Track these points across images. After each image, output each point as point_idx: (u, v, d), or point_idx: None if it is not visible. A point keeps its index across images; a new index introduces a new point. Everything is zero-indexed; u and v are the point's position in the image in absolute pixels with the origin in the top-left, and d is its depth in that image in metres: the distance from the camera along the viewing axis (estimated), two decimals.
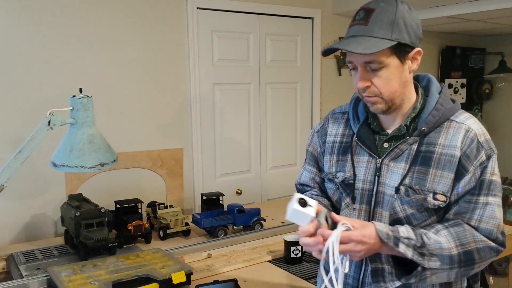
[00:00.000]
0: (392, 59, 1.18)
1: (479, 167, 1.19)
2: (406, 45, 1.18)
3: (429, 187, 1.21)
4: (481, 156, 1.20)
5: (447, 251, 1.15)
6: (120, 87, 2.73)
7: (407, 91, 1.25)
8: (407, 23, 1.17)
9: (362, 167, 1.31)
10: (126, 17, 2.70)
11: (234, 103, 3.20)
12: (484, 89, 4.72)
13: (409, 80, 1.24)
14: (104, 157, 1.70)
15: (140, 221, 2.28)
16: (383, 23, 1.16)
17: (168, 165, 2.93)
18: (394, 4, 1.18)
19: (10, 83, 2.41)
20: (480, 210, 1.19)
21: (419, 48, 1.21)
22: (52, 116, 1.65)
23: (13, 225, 2.47)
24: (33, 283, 1.80)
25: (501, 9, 2.98)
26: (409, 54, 1.20)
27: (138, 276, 1.70)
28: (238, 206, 2.46)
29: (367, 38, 1.16)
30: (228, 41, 3.11)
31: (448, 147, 1.21)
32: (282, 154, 3.48)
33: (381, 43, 1.14)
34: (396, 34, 1.16)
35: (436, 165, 1.20)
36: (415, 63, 1.22)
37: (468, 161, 1.19)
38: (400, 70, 1.20)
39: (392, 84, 1.20)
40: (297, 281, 1.87)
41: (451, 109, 1.24)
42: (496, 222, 1.19)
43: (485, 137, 1.23)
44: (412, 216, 1.24)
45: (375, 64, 1.18)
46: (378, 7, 1.18)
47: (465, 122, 1.23)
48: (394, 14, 1.16)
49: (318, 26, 3.48)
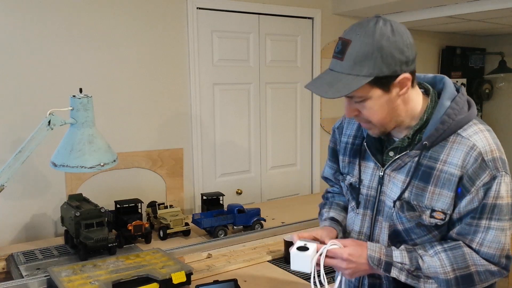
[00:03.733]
0: (374, 91, 1.12)
1: (482, 187, 1.11)
2: (387, 76, 1.10)
3: (427, 204, 1.17)
4: (485, 176, 1.11)
5: (443, 275, 1.14)
6: (120, 87, 2.73)
7: (403, 112, 1.19)
8: (385, 53, 1.08)
9: (368, 173, 1.30)
10: (126, 17, 2.70)
11: (234, 103, 3.20)
12: (484, 89, 4.72)
13: (402, 104, 1.17)
14: (104, 157, 1.70)
15: (140, 221, 2.28)
16: (358, 58, 1.09)
17: (168, 165, 2.93)
18: (371, 32, 1.09)
19: (10, 83, 2.41)
20: (482, 234, 1.13)
21: (404, 74, 1.11)
22: (52, 116, 1.65)
23: (13, 225, 2.48)
24: (33, 283, 1.80)
25: (501, 9, 2.98)
26: (393, 82, 1.12)
27: (138, 276, 1.70)
28: (238, 206, 2.46)
29: (341, 77, 1.11)
30: (228, 41, 3.11)
31: (449, 164, 1.14)
32: (282, 154, 3.48)
33: (354, 82, 1.09)
34: (372, 68, 1.08)
35: (435, 183, 1.15)
36: (405, 88, 1.14)
37: (470, 181, 1.12)
38: (385, 99, 1.14)
39: (379, 113, 1.16)
40: (297, 281, 1.87)
41: (459, 121, 1.15)
42: (500, 246, 1.13)
43: (493, 155, 1.12)
44: (411, 230, 1.21)
45: (356, 98, 1.15)
46: (354, 38, 1.10)
47: (471, 138, 1.13)
48: (371, 45, 1.08)
49: (318, 26, 3.48)
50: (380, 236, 1.27)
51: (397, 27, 1.11)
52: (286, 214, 2.75)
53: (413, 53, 1.12)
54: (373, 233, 1.29)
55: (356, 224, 1.34)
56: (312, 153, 3.62)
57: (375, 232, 1.29)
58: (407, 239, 1.23)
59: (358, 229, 1.33)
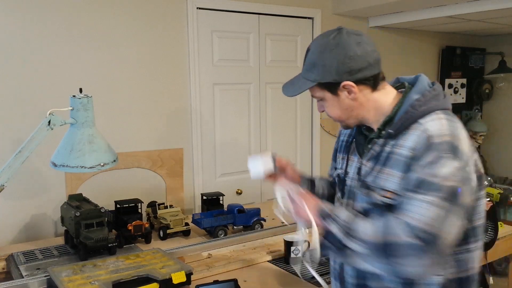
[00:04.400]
0: (324, 93, 1.32)
1: (424, 166, 1.16)
2: (329, 82, 1.28)
3: (381, 185, 1.26)
4: (429, 156, 1.17)
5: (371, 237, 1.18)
6: (120, 87, 2.73)
7: (362, 112, 1.33)
8: (326, 63, 1.26)
9: (353, 165, 1.41)
10: (126, 17, 2.70)
11: (234, 103, 3.20)
12: (484, 89, 4.72)
13: (357, 105, 1.31)
14: (104, 157, 1.70)
15: (140, 221, 2.28)
16: (309, 65, 1.32)
17: (168, 165, 2.93)
18: (319, 44, 1.29)
19: (10, 83, 2.41)
20: (408, 205, 1.17)
21: (346, 82, 1.26)
22: (52, 116, 1.65)
23: (13, 225, 2.48)
24: (33, 283, 1.80)
25: (501, 9, 2.98)
26: (338, 88, 1.28)
27: (138, 276, 1.70)
28: (238, 206, 2.46)
29: (299, 79, 1.35)
30: (228, 41, 3.11)
31: (403, 147, 1.23)
32: (282, 154, 3.46)
33: (304, 85, 1.32)
34: (316, 75, 1.29)
35: (390, 164, 1.25)
36: (352, 93, 1.29)
37: (415, 160, 1.19)
38: (336, 100, 1.32)
39: (335, 111, 1.35)
40: (297, 281, 1.87)
41: (422, 111, 1.24)
42: (421, 218, 1.14)
43: (443, 139, 1.17)
44: (371, 212, 1.29)
45: (317, 98, 1.37)
46: (311, 48, 1.32)
47: (426, 124, 1.21)
48: (317, 56, 1.29)
49: (318, 26, 3.48)
50: None
51: (344, 40, 1.26)
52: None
53: (359, 63, 1.26)
54: None
55: None
56: (312, 153, 3.62)
57: None
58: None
59: None
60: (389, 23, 3.68)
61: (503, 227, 2.51)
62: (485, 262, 2.35)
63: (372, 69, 1.28)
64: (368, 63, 1.27)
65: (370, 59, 1.27)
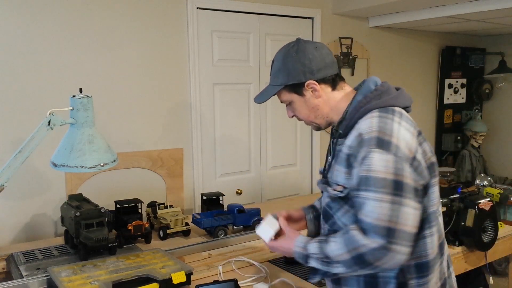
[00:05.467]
0: (291, 95, 1.47)
1: (360, 162, 1.29)
2: (295, 84, 1.43)
3: (334, 179, 1.40)
4: (362, 152, 1.29)
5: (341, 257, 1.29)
6: (120, 87, 2.73)
7: (326, 110, 1.47)
8: (290, 67, 1.43)
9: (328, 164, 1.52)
10: (126, 17, 2.70)
11: (234, 103, 3.20)
12: (484, 89, 4.72)
13: (322, 103, 1.46)
14: (104, 157, 1.70)
15: (140, 221, 2.28)
16: (274, 72, 1.48)
17: (168, 165, 2.93)
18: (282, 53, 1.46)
19: (10, 83, 2.41)
20: (364, 205, 1.27)
21: (310, 81, 1.42)
22: (52, 116, 1.65)
23: (13, 225, 2.48)
24: (33, 283, 1.80)
25: (501, 9, 2.98)
26: (303, 88, 1.44)
27: (138, 276, 1.70)
28: (238, 206, 2.46)
29: (268, 87, 1.51)
30: (228, 41, 3.11)
31: (343, 145, 1.37)
32: (282, 154, 3.48)
33: (271, 90, 1.48)
34: (281, 79, 1.45)
35: (338, 161, 1.39)
36: (316, 92, 1.44)
37: (353, 157, 1.32)
38: (303, 100, 1.46)
39: (303, 112, 1.49)
40: (297, 281, 1.87)
41: (362, 112, 1.36)
42: (377, 216, 1.23)
43: (371, 135, 1.29)
44: (329, 205, 1.43)
45: (285, 102, 1.51)
46: (275, 58, 1.49)
47: (360, 123, 1.34)
48: (280, 63, 1.45)
49: (318, 26, 3.48)
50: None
51: (303, 46, 1.43)
52: None
53: (318, 64, 1.42)
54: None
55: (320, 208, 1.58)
56: (312, 153, 3.63)
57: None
58: (331, 213, 1.43)
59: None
60: (389, 23, 3.68)
61: (503, 227, 2.51)
62: (485, 262, 2.35)
63: (330, 69, 1.44)
64: (325, 63, 1.43)
65: (327, 60, 1.44)
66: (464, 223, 2.21)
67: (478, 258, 2.34)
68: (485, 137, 4.55)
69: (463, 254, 2.27)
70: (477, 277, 2.86)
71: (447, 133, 4.54)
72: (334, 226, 1.42)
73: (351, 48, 3.72)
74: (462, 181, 4.17)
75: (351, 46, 3.71)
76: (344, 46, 3.68)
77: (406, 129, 1.31)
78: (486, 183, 2.76)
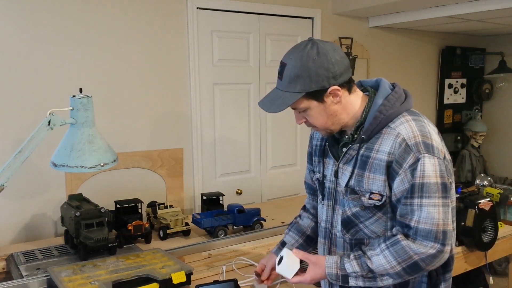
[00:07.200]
0: (310, 102, 1.34)
1: (408, 169, 1.27)
2: (316, 90, 1.31)
3: (366, 188, 1.35)
4: (410, 159, 1.27)
5: (391, 270, 1.29)
6: (120, 87, 2.73)
7: (344, 115, 1.38)
8: (311, 73, 1.29)
9: (329, 168, 1.48)
10: (126, 17, 2.70)
11: (234, 103, 3.20)
12: (484, 89, 4.72)
13: (341, 109, 1.37)
14: (104, 157, 1.70)
15: (140, 221, 2.28)
16: (291, 78, 1.32)
17: (168, 165, 2.93)
18: (300, 56, 1.31)
19: (10, 83, 2.41)
20: (417, 212, 1.28)
21: (333, 87, 1.31)
22: (52, 116, 1.65)
23: (13, 225, 2.48)
24: (33, 283, 1.80)
25: (501, 9, 2.98)
26: (325, 94, 1.32)
27: (138, 276, 1.70)
28: (238, 206, 2.46)
29: (281, 93, 1.35)
30: (228, 41, 3.11)
31: (380, 152, 1.32)
32: (282, 154, 3.48)
33: (289, 98, 1.32)
34: (302, 86, 1.30)
35: (369, 169, 1.34)
36: (337, 97, 1.34)
37: (397, 164, 1.29)
38: (322, 107, 1.35)
39: (320, 119, 1.37)
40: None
41: (390, 115, 1.33)
42: (434, 222, 1.27)
43: (416, 140, 1.28)
44: (358, 214, 1.39)
45: (299, 109, 1.37)
46: (289, 62, 1.33)
47: (397, 128, 1.31)
48: (300, 68, 1.30)
49: (318, 26, 3.48)
50: (337, 223, 1.45)
51: (322, 48, 1.30)
52: (286, 214, 2.74)
53: (340, 68, 1.31)
54: (333, 220, 1.47)
55: (323, 214, 1.52)
56: None
57: (334, 219, 1.47)
58: (357, 222, 1.39)
59: (325, 218, 1.51)
60: (389, 23, 3.68)
61: (503, 227, 2.51)
62: (485, 262, 2.35)
63: (349, 72, 1.36)
64: (346, 66, 1.34)
65: (346, 63, 1.34)
66: (464, 223, 2.20)
67: (478, 258, 2.34)
68: (485, 137, 4.55)
69: (463, 254, 2.26)
70: (477, 277, 2.86)
71: (447, 133, 4.54)
72: (357, 235, 1.41)
73: (351, 48, 3.72)
74: (462, 181, 4.17)
75: (351, 46, 3.71)
76: (344, 46, 3.68)
77: (433, 130, 1.34)
78: (486, 183, 2.76)
